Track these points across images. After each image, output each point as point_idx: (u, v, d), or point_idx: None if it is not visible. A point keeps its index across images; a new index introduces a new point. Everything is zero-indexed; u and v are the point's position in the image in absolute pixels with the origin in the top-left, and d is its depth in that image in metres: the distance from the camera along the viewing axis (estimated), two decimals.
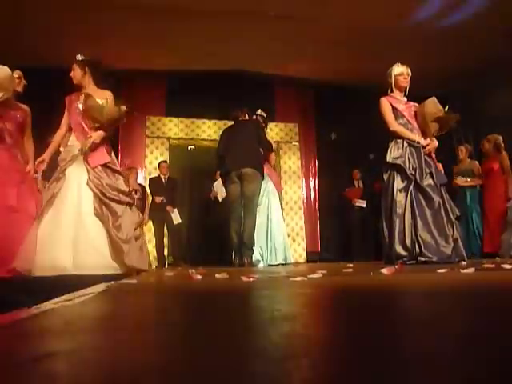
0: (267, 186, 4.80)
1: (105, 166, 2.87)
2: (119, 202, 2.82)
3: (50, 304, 0.93)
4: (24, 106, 3.13)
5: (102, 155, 2.90)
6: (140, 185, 6.00)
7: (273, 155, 5.04)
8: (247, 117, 4.63)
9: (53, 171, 2.93)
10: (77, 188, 2.79)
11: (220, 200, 4.91)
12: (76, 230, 2.67)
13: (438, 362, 0.37)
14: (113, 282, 1.67)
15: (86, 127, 2.94)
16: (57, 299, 1.01)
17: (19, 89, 3.12)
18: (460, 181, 5.33)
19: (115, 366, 0.40)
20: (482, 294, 1.03)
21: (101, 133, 2.90)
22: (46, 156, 2.98)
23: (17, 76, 3.11)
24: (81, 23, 5.11)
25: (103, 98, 2.98)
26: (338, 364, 0.39)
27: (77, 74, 3.03)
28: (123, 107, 2.96)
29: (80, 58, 3.04)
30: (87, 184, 2.78)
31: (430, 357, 0.40)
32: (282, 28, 5.46)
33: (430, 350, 0.43)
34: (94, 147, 2.88)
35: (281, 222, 5.00)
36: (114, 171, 2.93)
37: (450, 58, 6.00)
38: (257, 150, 4.35)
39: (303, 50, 6.00)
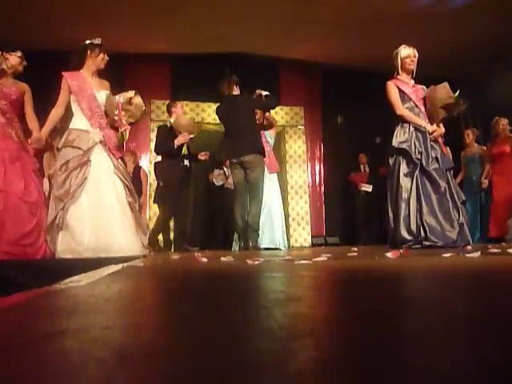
0: None
1: (121, 158, 3.04)
2: (135, 190, 3.04)
3: (61, 285, 0.95)
4: (21, 84, 3.07)
5: (121, 148, 3.06)
6: (139, 167, 6.01)
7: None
8: (236, 90, 4.25)
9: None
10: (108, 176, 2.88)
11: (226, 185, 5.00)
12: (120, 215, 2.83)
13: (438, 339, 0.38)
14: (120, 265, 1.69)
15: (104, 116, 2.98)
16: (67, 280, 1.02)
17: (19, 68, 3.07)
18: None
19: (124, 344, 0.41)
20: (485, 278, 1.03)
21: (130, 127, 3.00)
22: (44, 134, 2.99)
23: (18, 55, 3.07)
24: (81, 5, 5.05)
25: (108, 88, 3.06)
26: (342, 343, 0.39)
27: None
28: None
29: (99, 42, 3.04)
30: (114, 173, 2.89)
31: (430, 334, 0.40)
32: (287, 8, 5.36)
33: (431, 328, 0.44)
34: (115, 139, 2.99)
35: (277, 206, 4.88)
36: (124, 162, 3.09)
37: (460, 41, 5.87)
38: (255, 131, 4.21)
39: (309, 31, 5.90)
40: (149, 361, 0.34)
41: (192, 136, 4.56)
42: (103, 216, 2.76)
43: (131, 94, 2.95)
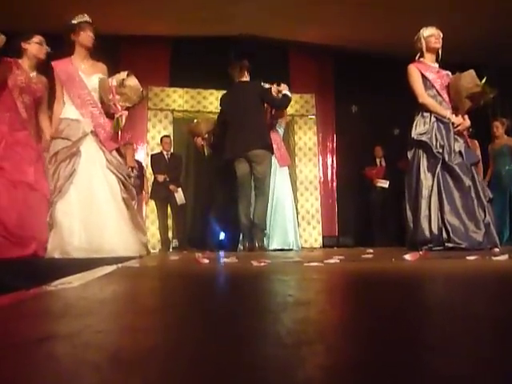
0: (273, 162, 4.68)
1: (117, 150, 2.99)
2: (133, 186, 3.01)
3: (51, 286, 0.96)
4: (43, 78, 3.04)
5: (116, 138, 3.01)
6: (137, 161, 6.03)
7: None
8: (247, 76, 4.26)
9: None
10: (101, 169, 2.86)
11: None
12: (116, 212, 2.82)
13: (460, 348, 0.38)
14: (114, 266, 1.71)
15: (97, 103, 2.96)
16: (57, 282, 1.03)
17: (41, 56, 2.97)
18: None
19: (118, 348, 0.42)
20: None
21: (127, 113, 2.96)
22: (53, 135, 2.96)
23: (36, 41, 2.96)
24: None
25: (103, 71, 3.03)
26: (355, 351, 0.40)
27: (92, 37, 3.02)
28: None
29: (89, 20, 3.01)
30: (107, 167, 2.87)
31: (452, 342, 0.40)
32: None
33: (453, 336, 0.44)
34: (108, 130, 2.95)
35: (289, 202, 4.82)
36: (121, 154, 3.05)
37: (488, 24, 5.81)
38: (262, 122, 4.19)
39: (320, 11, 5.86)
40: (145, 366, 0.35)
41: (206, 136, 4.66)
42: (94, 212, 2.75)
43: (124, 75, 2.92)
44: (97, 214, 2.76)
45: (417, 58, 3.41)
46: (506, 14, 5.62)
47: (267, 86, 4.48)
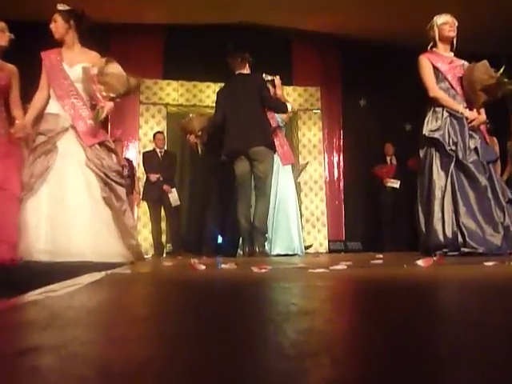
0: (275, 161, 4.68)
1: (102, 143, 2.94)
2: (121, 185, 2.95)
3: (34, 295, 0.96)
4: (9, 66, 3.06)
5: (98, 132, 2.96)
6: (127, 160, 6.04)
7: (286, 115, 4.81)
8: (247, 69, 4.29)
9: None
10: (79, 166, 2.85)
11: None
12: (92, 213, 2.78)
13: (475, 359, 0.38)
14: (103, 272, 1.71)
15: (82, 95, 2.96)
16: (40, 290, 1.04)
17: (2, 43, 3.01)
18: None
19: (107, 360, 0.42)
20: None
21: (112, 104, 2.94)
22: (28, 121, 2.97)
23: None
24: None
25: (91, 60, 3.01)
26: (362, 363, 0.40)
27: (59, 27, 3.01)
28: (139, 79, 3.04)
29: (63, 8, 3.01)
30: (86, 164, 2.84)
31: (466, 353, 0.40)
32: None
33: (468, 346, 0.44)
34: (89, 123, 2.92)
35: (294, 204, 4.82)
36: (110, 150, 3.01)
37: (505, 10, 5.80)
38: (263, 118, 4.20)
39: None
40: (137, 378, 0.35)
41: (199, 133, 4.63)
42: (63, 211, 2.71)
43: (101, 62, 2.92)
44: (65, 214, 2.71)
45: (429, 47, 3.42)
46: None
47: (269, 77, 4.49)
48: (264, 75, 4.44)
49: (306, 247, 5.40)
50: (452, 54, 3.40)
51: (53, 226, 2.70)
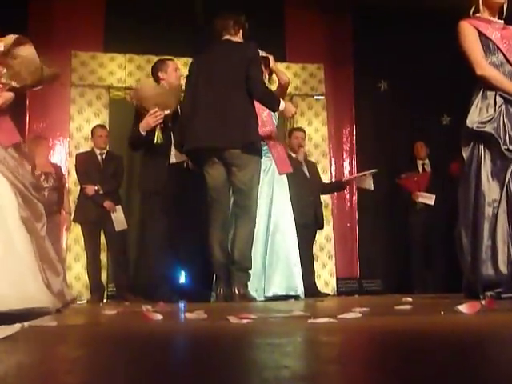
0: (268, 166, 4.69)
1: (15, 147, 2.97)
2: (39, 200, 2.94)
3: None
4: None
5: (12, 132, 3.01)
6: (54, 165, 6.04)
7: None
8: (238, 35, 4.32)
9: None
10: None
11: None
12: (4, 241, 2.76)
13: None
14: (18, 325, 1.69)
15: None
16: None
17: None
18: None
19: None
20: None
21: (11, 96, 2.98)
22: None
23: None
24: None
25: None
26: None
27: None
28: (57, 70, 3.07)
29: None
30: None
31: None
32: None
33: None
34: None
35: (292, 227, 4.84)
36: (23, 155, 3.02)
37: None
38: (248, 106, 4.17)
39: None
40: None
41: (168, 112, 4.52)
42: None
43: (10, 39, 2.93)
44: None
45: (471, 12, 3.47)
46: None
47: (263, 53, 4.50)
48: (258, 49, 4.38)
49: (321, 296, 5.51)
50: (502, 21, 3.47)
51: None
